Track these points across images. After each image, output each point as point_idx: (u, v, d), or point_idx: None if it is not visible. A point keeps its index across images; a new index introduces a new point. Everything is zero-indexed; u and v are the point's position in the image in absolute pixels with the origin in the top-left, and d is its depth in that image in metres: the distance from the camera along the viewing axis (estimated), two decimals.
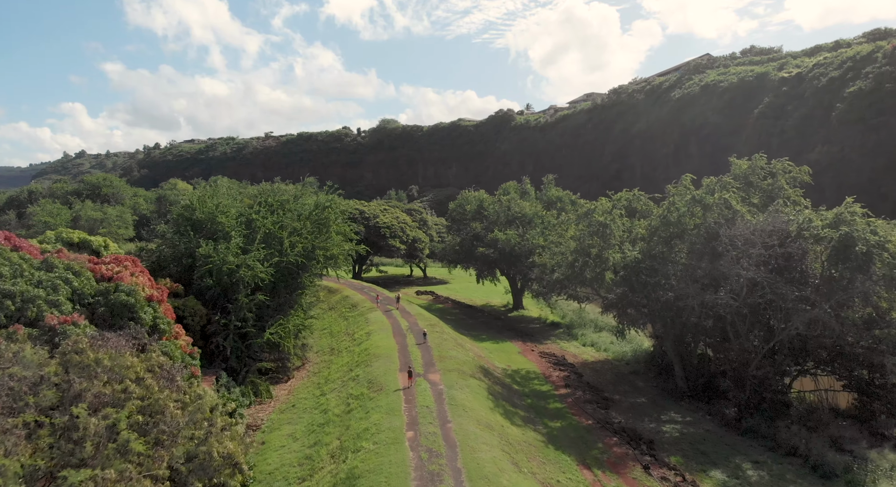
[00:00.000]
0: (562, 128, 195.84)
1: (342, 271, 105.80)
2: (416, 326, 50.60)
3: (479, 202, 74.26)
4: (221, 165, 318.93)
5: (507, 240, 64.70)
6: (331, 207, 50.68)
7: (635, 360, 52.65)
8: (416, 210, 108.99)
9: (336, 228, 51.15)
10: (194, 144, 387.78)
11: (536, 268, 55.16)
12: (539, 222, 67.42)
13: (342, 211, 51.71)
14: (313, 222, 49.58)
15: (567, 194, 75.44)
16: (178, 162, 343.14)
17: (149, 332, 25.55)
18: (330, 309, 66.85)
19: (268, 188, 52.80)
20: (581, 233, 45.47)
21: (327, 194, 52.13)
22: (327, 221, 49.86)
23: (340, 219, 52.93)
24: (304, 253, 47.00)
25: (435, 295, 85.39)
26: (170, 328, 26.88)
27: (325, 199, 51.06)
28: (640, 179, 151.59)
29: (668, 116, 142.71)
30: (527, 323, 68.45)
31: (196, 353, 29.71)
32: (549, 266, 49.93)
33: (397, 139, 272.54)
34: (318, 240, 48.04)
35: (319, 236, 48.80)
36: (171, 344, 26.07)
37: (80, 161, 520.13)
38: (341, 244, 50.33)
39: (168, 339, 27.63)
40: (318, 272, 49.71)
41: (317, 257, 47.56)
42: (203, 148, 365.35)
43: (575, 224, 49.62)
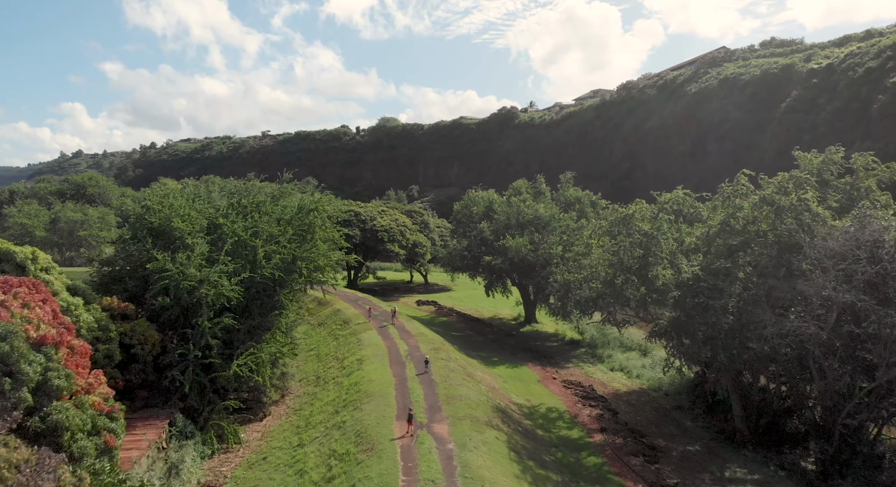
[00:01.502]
0: (568, 125, 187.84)
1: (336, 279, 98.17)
2: (417, 350, 42.60)
3: (488, 203, 66.22)
4: (217, 164, 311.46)
5: (518, 249, 56.64)
6: (317, 209, 42.64)
7: (676, 391, 44.70)
8: (417, 212, 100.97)
9: (323, 234, 43.13)
10: (190, 144, 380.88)
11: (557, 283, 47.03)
12: (556, 226, 59.36)
13: (329, 215, 43.58)
14: (295, 228, 41.56)
15: (587, 195, 67.41)
16: (173, 162, 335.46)
17: (33, 391, 17.71)
18: (319, 325, 58.82)
19: (241, 187, 44.79)
20: (620, 244, 37.27)
21: (313, 195, 44.01)
22: (312, 226, 41.82)
23: (329, 224, 44.89)
24: (282, 265, 38.95)
25: (438, 306, 77.34)
26: (69, 382, 18.99)
27: (309, 200, 43.02)
28: (652, 178, 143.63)
29: (684, 112, 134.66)
30: (542, 340, 60.39)
31: (118, 411, 21.78)
32: (575, 281, 41.83)
33: (397, 138, 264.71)
34: (301, 249, 39.99)
35: (303, 245, 40.77)
36: (66, 410, 18.13)
37: (77, 161, 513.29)
38: (328, 254, 42.29)
39: (74, 396, 19.76)
40: (300, 288, 41.66)
41: (299, 269, 39.54)
42: (199, 147, 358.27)
43: (609, 232, 41.51)
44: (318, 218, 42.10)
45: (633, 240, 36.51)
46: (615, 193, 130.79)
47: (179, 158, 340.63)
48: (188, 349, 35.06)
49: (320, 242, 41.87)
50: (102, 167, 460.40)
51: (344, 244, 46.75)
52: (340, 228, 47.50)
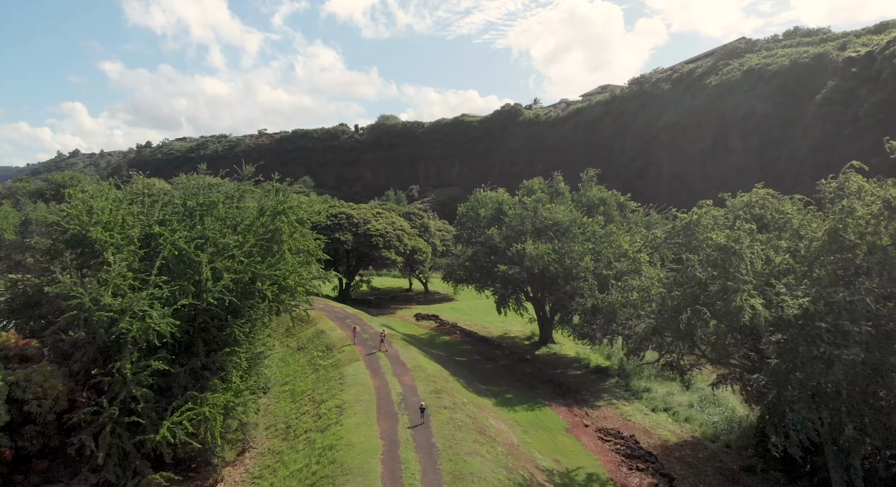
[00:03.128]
0: (575, 122, 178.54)
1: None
2: (413, 393, 33.40)
3: (498, 205, 56.90)
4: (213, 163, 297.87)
5: (538, 256, 47.35)
6: (284, 213, 33.42)
7: (739, 441, 35.50)
8: (416, 214, 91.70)
9: (293, 244, 33.94)
10: (186, 142, 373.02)
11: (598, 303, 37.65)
12: (579, 232, 50.12)
13: (301, 219, 34.21)
14: (258, 237, 32.40)
15: (613, 195, 58.15)
16: (168, 161, 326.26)
17: None
18: (298, 350, 49.62)
19: (190, 184, 35.41)
20: (686, 264, 27.80)
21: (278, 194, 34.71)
22: (278, 234, 32.62)
23: (303, 231, 35.65)
24: (236, 288, 29.83)
25: (439, 321, 68.10)
26: None
27: (275, 201, 33.78)
28: (668, 177, 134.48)
29: (703, 106, 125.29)
30: (563, 367, 51.15)
31: None
32: (624, 308, 32.44)
33: (397, 137, 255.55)
34: (263, 265, 30.83)
35: (266, 259, 31.61)
36: None
37: (74, 160, 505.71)
38: (301, 270, 33.01)
39: None
40: (260, 317, 32.38)
41: (259, 291, 30.34)
42: (194, 146, 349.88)
43: (664, 245, 32.22)
44: (286, 224, 32.86)
45: (702, 257, 27.17)
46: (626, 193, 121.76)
47: (174, 157, 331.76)
48: (104, 403, 25.98)
49: (289, 254, 32.62)
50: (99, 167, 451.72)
51: (322, 256, 37.50)
52: (319, 235, 38.32)
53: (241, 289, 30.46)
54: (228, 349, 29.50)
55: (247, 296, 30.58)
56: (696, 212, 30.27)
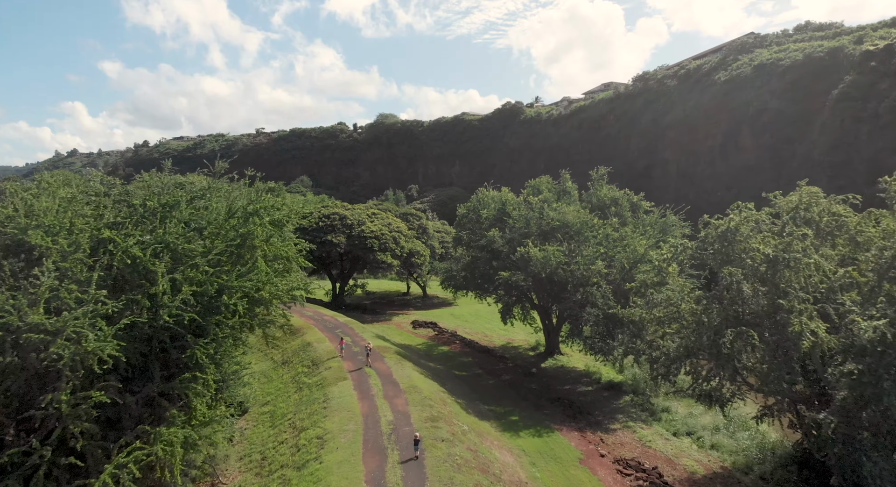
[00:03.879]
0: (578, 120, 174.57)
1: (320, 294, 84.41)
2: (406, 421, 29.17)
3: (501, 205, 52.58)
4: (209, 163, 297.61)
5: (546, 259, 43.05)
6: (258, 214, 29.16)
7: (776, 474, 31.21)
8: (414, 215, 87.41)
9: (270, 250, 29.70)
10: (183, 142, 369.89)
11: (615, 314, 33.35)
12: (590, 235, 45.85)
13: (276, 221, 29.92)
14: (227, 243, 28.16)
15: (626, 195, 53.81)
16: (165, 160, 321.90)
17: None
18: (283, 364, 45.38)
19: (154, 182, 31.16)
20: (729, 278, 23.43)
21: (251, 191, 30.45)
22: (250, 239, 28.35)
23: (279, 235, 31.36)
24: (200, 301, 25.62)
25: (438, 329, 63.84)
26: None
27: (246, 200, 29.53)
28: (676, 176, 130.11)
29: (712, 103, 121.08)
30: (572, 383, 46.90)
31: None
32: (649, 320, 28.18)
33: (396, 135, 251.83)
34: (232, 275, 26.59)
35: (235, 268, 27.35)
36: None
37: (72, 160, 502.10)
38: (277, 281, 28.71)
39: None
40: (228, 335, 28.00)
41: (226, 306, 26.05)
42: (191, 145, 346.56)
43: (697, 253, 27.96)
44: (260, 227, 28.61)
45: (746, 270, 22.88)
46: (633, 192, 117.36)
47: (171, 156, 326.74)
48: (33, 444, 21.80)
49: (262, 262, 28.35)
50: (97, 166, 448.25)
51: (304, 264, 33.18)
52: (300, 240, 34.05)
53: (205, 303, 26.23)
54: (189, 374, 25.22)
55: (212, 311, 26.32)
56: (733, 217, 25.98)
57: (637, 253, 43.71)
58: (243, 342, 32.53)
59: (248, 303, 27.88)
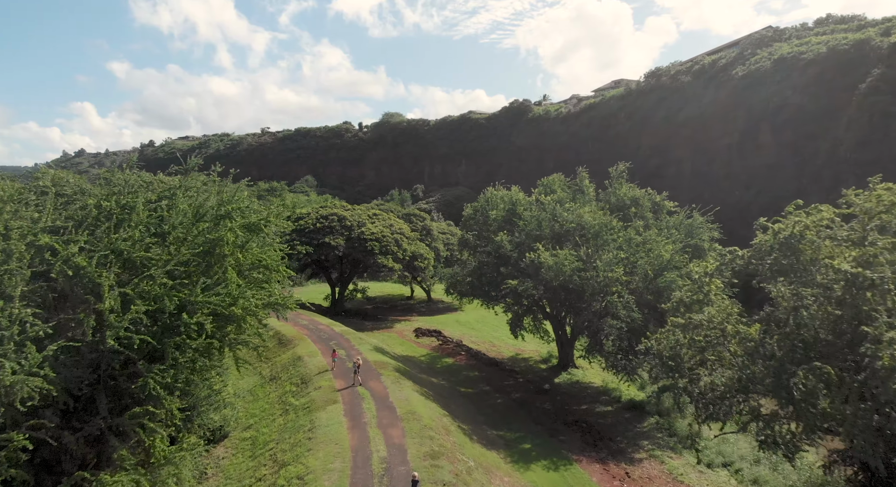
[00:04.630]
0: (587, 118, 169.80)
1: (318, 298, 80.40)
2: (403, 458, 25.01)
3: (511, 206, 48.28)
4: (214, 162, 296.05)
5: (558, 266, 38.72)
6: (230, 217, 25.07)
7: None
8: (418, 215, 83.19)
9: (246, 258, 25.61)
10: (188, 141, 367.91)
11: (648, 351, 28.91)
12: (609, 238, 41.49)
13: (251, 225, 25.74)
14: (194, 251, 24.10)
15: (647, 194, 49.37)
16: (169, 160, 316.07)
17: None
18: (271, 380, 41.32)
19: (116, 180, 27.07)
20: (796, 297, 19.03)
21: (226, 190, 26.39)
22: (221, 246, 24.24)
23: (258, 240, 27.20)
24: (155, 320, 21.59)
25: (442, 338, 59.65)
26: None
27: (215, 201, 25.45)
28: (689, 175, 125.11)
29: (729, 99, 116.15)
30: (589, 401, 42.58)
31: None
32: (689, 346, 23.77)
33: (401, 135, 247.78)
34: (196, 289, 22.52)
35: (201, 280, 23.26)
36: None
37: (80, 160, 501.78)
38: (251, 294, 24.53)
39: None
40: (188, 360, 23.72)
41: (188, 325, 21.94)
42: (196, 145, 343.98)
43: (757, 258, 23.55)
44: (230, 232, 24.50)
45: (816, 291, 18.54)
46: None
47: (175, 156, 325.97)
48: None
49: (233, 272, 24.25)
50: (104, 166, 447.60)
51: (287, 273, 28.97)
52: (282, 246, 29.90)
53: (164, 322, 22.17)
54: (139, 408, 21.13)
55: (171, 332, 22.25)
56: (800, 219, 21.53)
57: (662, 259, 39.36)
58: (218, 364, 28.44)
59: (215, 321, 23.76)
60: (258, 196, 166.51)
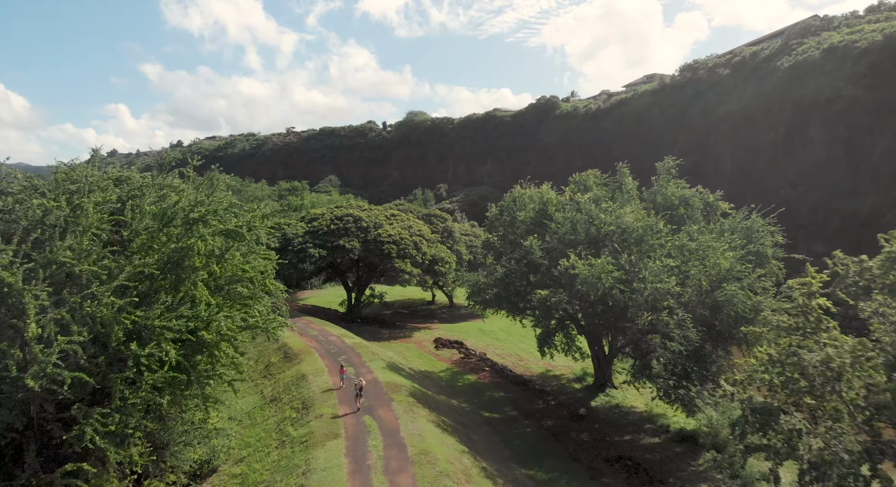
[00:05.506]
0: (619, 114, 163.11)
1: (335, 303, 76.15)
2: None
3: (541, 206, 43.07)
4: (239, 162, 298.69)
5: (595, 276, 33.35)
6: (204, 222, 20.55)
7: None
8: (439, 216, 78.30)
9: (219, 271, 21.05)
10: (215, 141, 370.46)
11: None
12: (656, 242, 35.98)
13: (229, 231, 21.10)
14: (161, 262, 19.63)
15: (698, 194, 43.62)
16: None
17: None
18: (271, 402, 36.88)
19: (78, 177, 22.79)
20: None
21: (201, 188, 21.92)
22: (190, 257, 19.71)
23: (242, 248, 22.62)
24: (96, 352, 17.12)
25: (464, 350, 54.70)
26: None
27: (187, 202, 20.94)
28: (731, 173, 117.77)
29: (774, 92, 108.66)
30: (632, 429, 37.14)
31: None
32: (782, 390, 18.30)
33: (425, 134, 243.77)
34: (153, 310, 18.05)
35: (163, 300, 18.78)
36: None
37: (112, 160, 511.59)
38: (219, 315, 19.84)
39: None
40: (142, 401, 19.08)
41: (139, 357, 17.42)
42: (222, 145, 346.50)
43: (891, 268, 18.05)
44: (201, 241, 19.94)
45: None
46: None
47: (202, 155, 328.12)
48: None
49: (203, 289, 19.70)
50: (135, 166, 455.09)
51: (277, 288, 24.36)
52: (269, 253, 25.28)
53: (109, 353, 17.72)
54: (71, 465, 16.66)
55: (119, 365, 17.78)
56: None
57: (720, 267, 33.71)
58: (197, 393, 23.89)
59: (184, 349, 19.23)
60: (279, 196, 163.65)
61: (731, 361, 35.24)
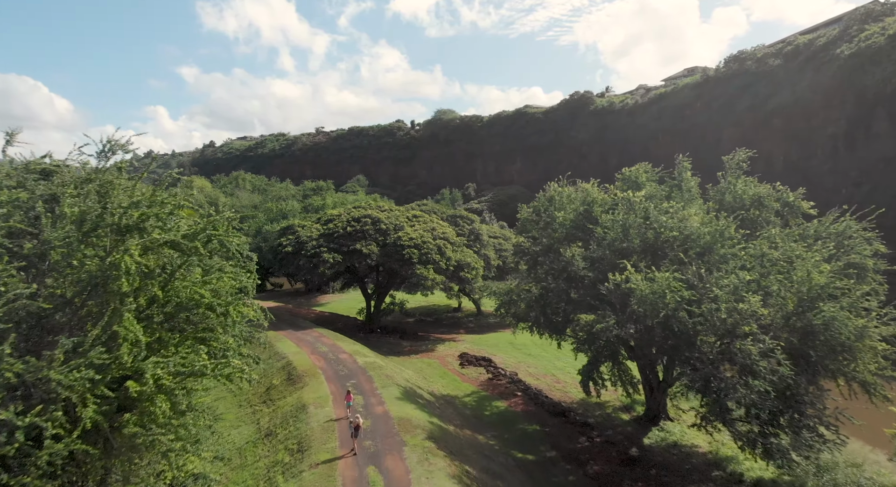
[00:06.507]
0: (657, 110, 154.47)
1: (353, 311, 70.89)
2: None
3: (585, 207, 36.69)
4: (269, 162, 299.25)
5: (658, 295, 26.99)
6: (141, 229, 15.10)
7: None
8: (465, 217, 72.24)
9: (160, 296, 15.54)
10: (245, 141, 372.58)
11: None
12: (729, 252, 29.32)
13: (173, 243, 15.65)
14: (80, 284, 14.26)
15: (775, 192, 36.61)
16: (227, 160, 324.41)
17: None
18: (266, 436, 31.47)
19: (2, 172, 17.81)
20: None
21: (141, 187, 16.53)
22: (115, 280, 14.25)
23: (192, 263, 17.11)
24: None
25: (493, 369, 48.58)
26: None
27: (115, 205, 15.53)
28: (783, 170, 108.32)
29: (833, 82, 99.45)
30: (698, 479, 30.48)
31: None
32: None
33: (454, 132, 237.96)
34: (44, 358, 12.63)
35: (65, 340, 13.34)
36: None
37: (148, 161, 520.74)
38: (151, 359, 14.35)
39: None
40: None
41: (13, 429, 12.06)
42: (252, 145, 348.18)
43: None
44: (125, 258, 14.38)
45: None
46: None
47: (233, 156, 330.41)
48: None
49: (131, 323, 14.14)
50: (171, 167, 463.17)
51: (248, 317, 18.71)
52: (239, 270, 19.65)
53: None
54: None
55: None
56: None
57: (814, 283, 26.89)
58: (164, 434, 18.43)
59: (101, 406, 13.76)
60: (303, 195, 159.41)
61: (826, 397, 28.37)
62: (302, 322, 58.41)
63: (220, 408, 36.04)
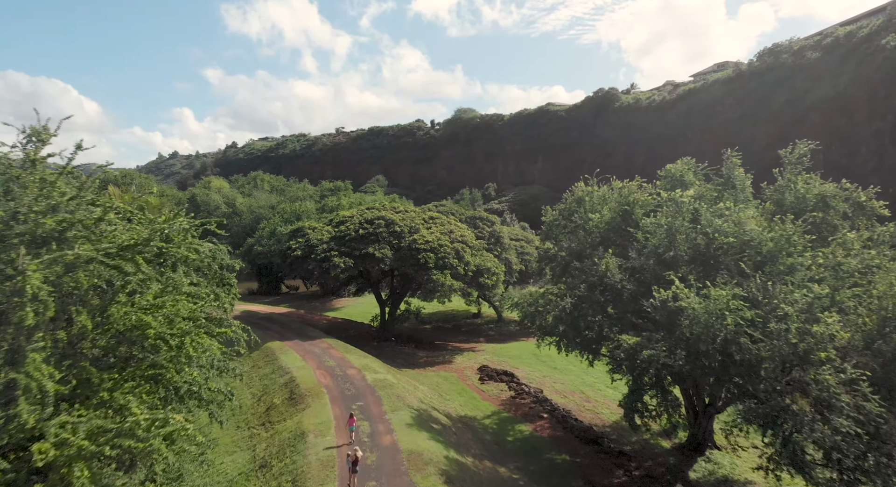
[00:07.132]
0: (686, 106, 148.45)
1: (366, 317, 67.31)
2: None
3: (624, 209, 32.39)
4: (290, 162, 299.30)
5: (715, 315, 22.73)
6: (60, 239, 11.53)
7: None
8: (485, 219, 68.02)
9: (89, 326, 11.95)
10: (267, 142, 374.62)
11: None
12: (797, 262, 24.90)
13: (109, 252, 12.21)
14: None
15: (843, 191, 31.85)
16: (248, 160, 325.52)
17: None
18: (260, 468, 27.86)
19: None
20: None
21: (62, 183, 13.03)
22: (16, 304, 10.70)
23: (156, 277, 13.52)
24: None
25: (516, 385, 44.47)
26: None
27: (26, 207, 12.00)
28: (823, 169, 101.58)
29: (878, 75, 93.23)
30: None
31: None
32: None
33: (474, 131, 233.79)
34: None
35: None
36: None
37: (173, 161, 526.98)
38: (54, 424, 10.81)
39: None
40: None
41: None
42: (273, 145, 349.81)
43: None
44: (35, 277, 10.72)
45: None
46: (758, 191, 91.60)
47: (255, 156, 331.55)
48: None
49: (37, 360, 10.44)
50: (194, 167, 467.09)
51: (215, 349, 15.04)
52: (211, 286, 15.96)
53: None
54: None
55: None
56: None
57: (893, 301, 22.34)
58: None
59: None
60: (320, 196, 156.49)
61: None
62: (311, 331, 54.94)
63: (216, 431, 32.63)
